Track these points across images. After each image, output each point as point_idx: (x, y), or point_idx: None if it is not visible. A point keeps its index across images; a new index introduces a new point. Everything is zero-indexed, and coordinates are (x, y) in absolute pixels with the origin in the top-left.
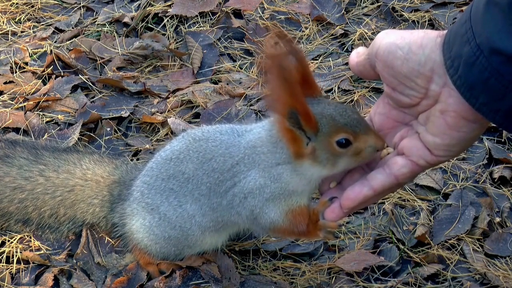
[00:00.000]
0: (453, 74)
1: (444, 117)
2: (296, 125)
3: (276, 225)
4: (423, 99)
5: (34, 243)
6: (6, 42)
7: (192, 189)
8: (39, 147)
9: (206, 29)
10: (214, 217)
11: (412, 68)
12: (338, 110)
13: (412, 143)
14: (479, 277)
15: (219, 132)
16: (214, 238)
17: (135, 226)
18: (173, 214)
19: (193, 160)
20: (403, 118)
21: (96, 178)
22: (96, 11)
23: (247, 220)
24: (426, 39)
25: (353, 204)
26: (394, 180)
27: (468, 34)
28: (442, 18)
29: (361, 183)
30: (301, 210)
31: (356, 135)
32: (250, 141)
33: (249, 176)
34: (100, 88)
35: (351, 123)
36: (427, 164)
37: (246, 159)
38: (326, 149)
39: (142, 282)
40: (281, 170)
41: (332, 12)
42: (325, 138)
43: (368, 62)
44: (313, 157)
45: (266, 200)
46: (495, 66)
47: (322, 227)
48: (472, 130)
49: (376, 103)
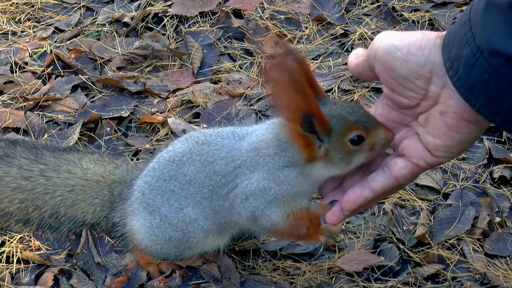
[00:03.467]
0: (453, 75)
1: (444, 118)
2: (309, 129)
3: (277, 227)
4: (423, 100)
5: (34, 243)
6: (6, 42)
7: (193, 192)
8: (39, 146)
9: (206, 29)
10: (217, 219)
11: (411, 69)
12: (345, 109)
13: (412, 144)
14: (479, 277)
15: (220, 137)
16: (216, 240)
17: (136, 226)
18: (174, 216)
19: (195, 163)
20: (402, 119)
21: (97, 178)
22: (96, 11)
23: (247, 221)
24: (425, 41)
25: (354, 206)
26: (394, 181)
27: (468, 35)
28: (442, 18)
29: (361, 185)
30: (302, 213)
31: (367, 131)
32: (252, 143)
33: (251, 178)
34: (100, 88)
35: (361, 120)
36: (427, 165)
37: (249, 161)
38: (340, 149)
39: (142, 282)
40: (288, 172)
41: (332, 12)
42: (338, 138)
43: (367, 64)
44: (326, 158)
45: (268, 202)
46: (495, 67)
47: (323, 231)
48: (472, 131)
49: (375, 104)
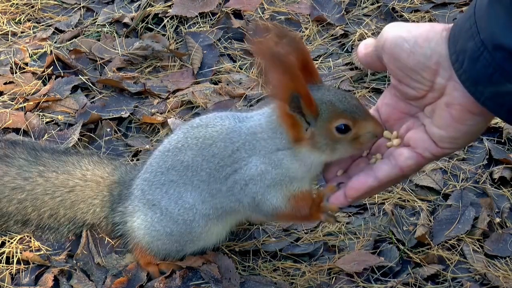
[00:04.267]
0: (458, 68)
1: (449, 110)
2: (296, 109)
3: (279, 211)
4: (429, 92)
5: (34, 244)
6: (6, 42)
7: (191, 176)
8: (39, 148)
9: (206, 30)
10: (213, 203)
11: (418, 61)
12: (337, 96)
13: (418, 135)
14: (479, 277)
15: (219, 118)
16: (216, 228)
17: (136, 223)
18: (175, 207)
19: (191, 147)
20: (409, 110)
21: (96, 179)
22: (96, 11)
23: (248, 207)
24: (432, 33)
25: (357, 194)
26: (399, 171)
27: (473, 29)
28: (442, 19)
29: (366, 173)
30: (303, 195)
31: (355, 121)
32: (250, 128)
33: (250, 163)
34: (100, 89)
35: (351, 109)
36: (432, 156)
37: (247, 145)
38: (325, 135)
39: (142, 283)
40: (282, 155)
41: (332, 12)
42: (324, 123)
43: (376, 54)
44: (312, 142)
45: (267, 186)
46: (499, 61)
47: (323, 210)
48: (477, 123)
49: (383, 94)
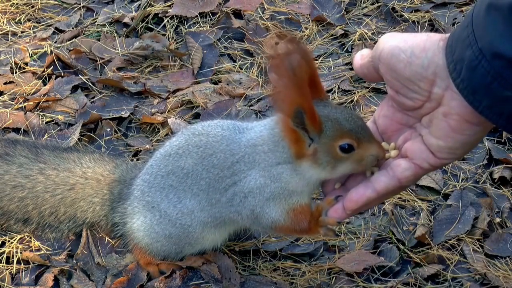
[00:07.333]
0: (456, 77)
1: (447, 120)
2: (300, 125)
3: (278, 224)
4: (426, 102)
5: (34, 244)
6: (6, 42)
7: (191, 183)
8: (39, 145)
9: (206, 30)
10: (212, 212)
11: (415, 71)
12: (344, 115)
13: (416, 146)
14: (479, 277)
15: (220, 127)
16: (213, 234)
17: (136, 224)
18: (173, 211)
19: (192, 155)
20: (407, 121)
21: (97, 177)
22: (96, 11)
23: (247, 219)
24: (429, 43)
25: (356, 206)
26: (397, 182)
27: (470, 38)
28: (442, 19)
29: (364, 185)
30: (302, 208)
31: (360, 142)
32: (250, 139)
33: (249, 176)
34: (100, 89)
35: (356, 130)
36: (430, 166)
37: (247, 158)
38: (328, 152)
39: (142, 283)
40: (281, 169)
41: (332, 12)
42: (328, 141)
43: (372, 65)
44: (314, 158)
45: (266, 199)
46: (497, 70)
47: (322, 224)
48: (475, 132)
49: (380, 105)
